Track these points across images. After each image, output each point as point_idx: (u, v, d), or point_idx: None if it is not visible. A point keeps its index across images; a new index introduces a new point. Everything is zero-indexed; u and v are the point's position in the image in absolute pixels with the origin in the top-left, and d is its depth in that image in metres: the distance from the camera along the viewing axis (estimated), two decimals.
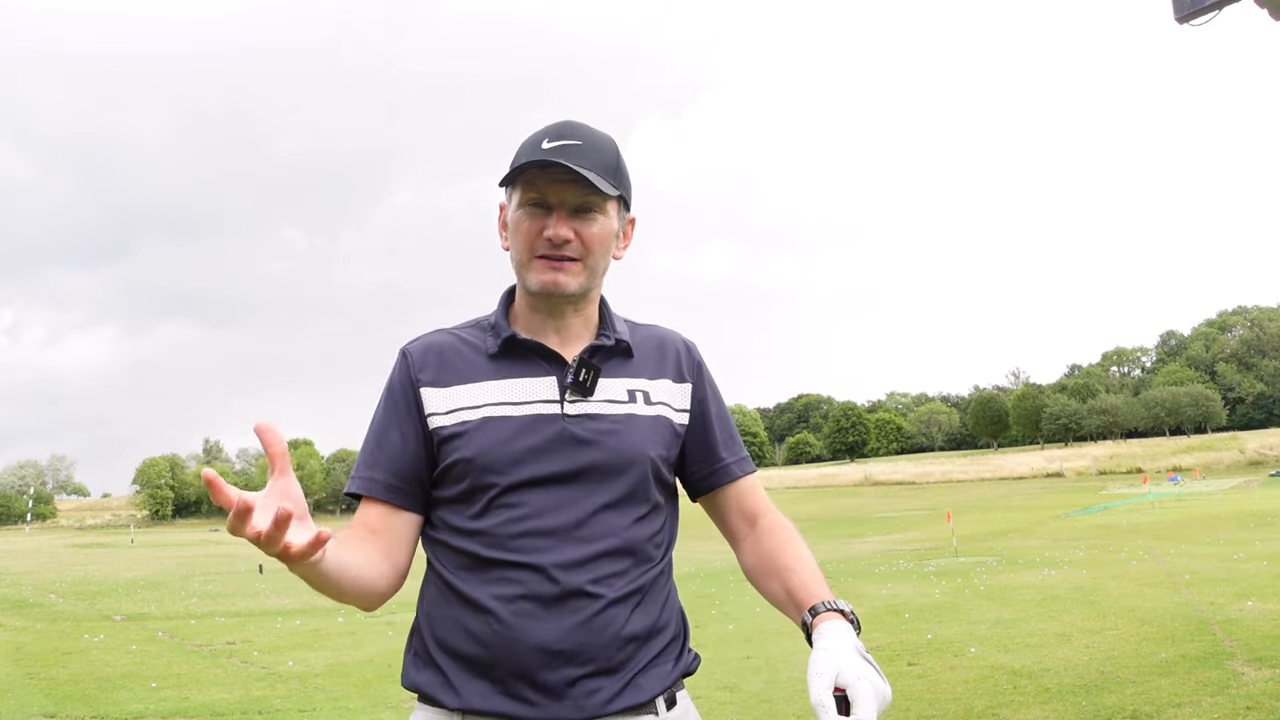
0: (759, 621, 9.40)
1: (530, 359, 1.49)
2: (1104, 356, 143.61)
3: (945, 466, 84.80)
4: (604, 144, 1.47)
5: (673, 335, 1.64)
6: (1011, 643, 7.32)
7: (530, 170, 1.43)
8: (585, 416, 1.46)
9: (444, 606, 1.43)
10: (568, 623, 1.36)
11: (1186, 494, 34.41)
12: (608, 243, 1.49)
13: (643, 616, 1.43)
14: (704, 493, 1.61)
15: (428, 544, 1.51)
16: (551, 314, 1.51)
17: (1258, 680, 5.53)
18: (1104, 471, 67.00)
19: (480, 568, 1.40)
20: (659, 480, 1.51)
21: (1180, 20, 5.25)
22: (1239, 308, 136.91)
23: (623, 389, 1.51)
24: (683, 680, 1.50)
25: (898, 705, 5.60)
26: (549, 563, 1.38)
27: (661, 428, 1.52)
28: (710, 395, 1.62)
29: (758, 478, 1.68)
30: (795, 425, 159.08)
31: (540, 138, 1.45)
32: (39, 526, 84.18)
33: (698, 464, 1.60)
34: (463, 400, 1.46)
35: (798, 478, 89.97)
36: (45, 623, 11.84)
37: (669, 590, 1.52)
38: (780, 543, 1.55)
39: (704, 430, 1.60)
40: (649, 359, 1.57)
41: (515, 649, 1.36)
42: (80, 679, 7.69)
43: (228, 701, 6.67)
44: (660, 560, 1.50)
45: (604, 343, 1.51)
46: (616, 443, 1.45)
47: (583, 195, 1.43)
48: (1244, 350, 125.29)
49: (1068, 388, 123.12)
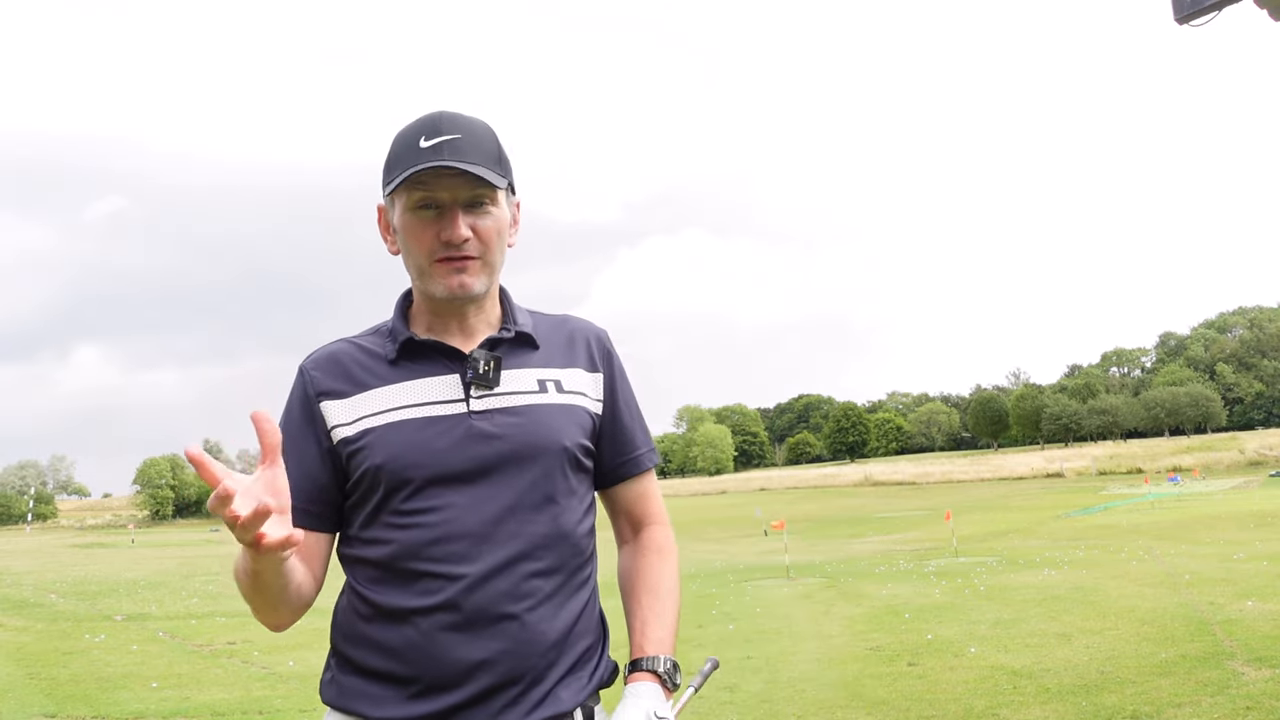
0: (759, 621, 9.41)
1: (431, 358, 1.45)
2: (1104, 357, 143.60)
3: (945, 467, 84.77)
4: (483, 132, 1.43)
5: (584, 324, 1.61)
6: (1011, 643, 7.32)
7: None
8: (493, 411, 1.42)
9: (359, 621, 1.41)
10: (488, 634, 1.34)
11: (1186, 494, 34.39)
12: (504, 233, 1.46)
13: (564, 621, 1.40)
14: (614, 483, 1.59)
15: (343, 559, 1.48)
16: (452, 313, 1.47)
17: (1258, 680, 5.53)
18: (1104, 472, 66.96)
19: (397, 578, 1.37)
20: (577, 469, 1.48)
21: (1180, 20, 5.25)
22: (1239, 308, 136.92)
23: (531, 379, 1.47)
24: (599, 693, 1.47)
25: (898, 705, 5.61)
26: (467, 570, 1.35)
27: (577, 416, 1.48)
28: (621, 384, 1.59)
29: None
30: (795, 425, 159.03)
31: (416, 135, 1.39)
32: (39, 526, 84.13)
33: (610, 454, 1.56)
34: (366, 408, 1.42)
35: (798, 478, 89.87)
36: (46, 623, 11.84)
37: (591, 590, 1.49)
38: (647, 567, 1.55)
39: (617, 420, 1.57)
40: (558, 349, 1.53)
41: (434, 661, 1.33)
42: (81, 679, 7.69)
43: (228, 701, 6.67)
44: (585, 553, 1.47)
45: (504, 335, 1.48)
46: (527, 434, 1.42)
47: (473, 190, 1.39)
48: (1243, 350, 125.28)
49: (1068, 388, 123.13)
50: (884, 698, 5.81)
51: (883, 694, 5.91)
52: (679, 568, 1.59)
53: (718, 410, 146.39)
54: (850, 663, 6.98)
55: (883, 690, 6.02)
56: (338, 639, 1.44)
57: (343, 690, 1.40)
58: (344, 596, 1.47)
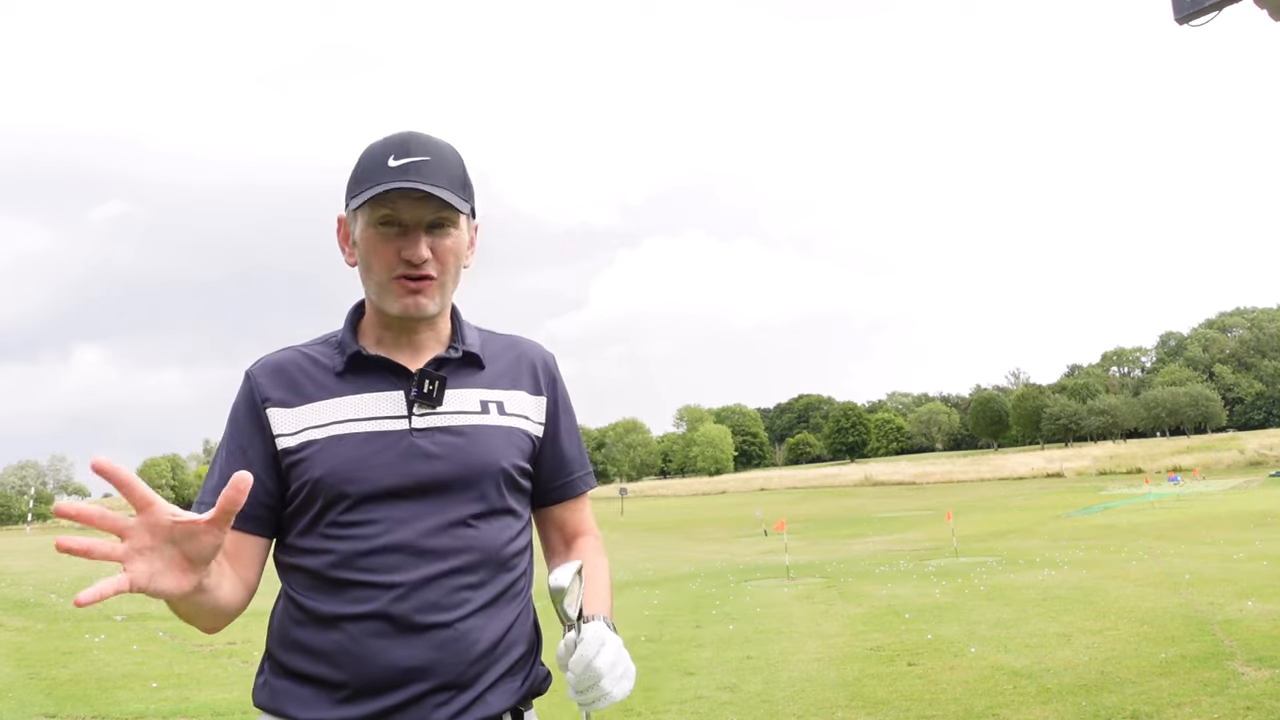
0: (759, 621, 9.40)
1: (379, 374, 1.47)
2: (1104, 357, 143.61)
3: (945, 467, 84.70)
4: (450, 156, 1.46)
5: (531, 346, 1.64)
6: (1011, 643, 7.32)
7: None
8: (434, 430, 1.44)
9: (292, 626, 1.42)
10: (418, 641, 1.36)
11: (1186, 494, 34.35)
12: (461, 256, 1.49)
13: (495, 630, 1.43)
14: (549, 504, 1.61)
15: (280, 566, 1.49)
16: (403, 330, 1.49)
17: (1258, 680, 5.53)
18: (1104, 472, 66.88)
19: (331, 587, 1.39)
20: (514, 489, 1.50)
21: (1180, 21, 5.25)
22: (1238, 308, 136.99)
23: (475, 399, 1.50)
24: (531, 700, 1.50)
25: (898, 705, 5.61)
26: (400, 580, 1.37)
27: (516, 438, 1.51)
28: (563, 409, 1.62)
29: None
30: (795, 425, 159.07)
31: (385, 154, 1.42)
32: (40, 527, 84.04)
33: (548, 476, 1.60)
34: (309, 420, 1.44)
35: (798, 478, 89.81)
36: (46, 623, 11.83)
37: (524, 602, 1.51)
38: (580, 551, 1.61)
39: (557, 444, 1.60)
40: (504, 370, 1.56)
41: (365, 667, 1.35)
42: (81, 679, 7.69)
43: (228, 701, 6.67)
44: (517, 570, 1.50)
45: (450, 355, 1.50)
46: (465, 455, 1.44)
47: (436, 212, 1.42)
48: (1243, 351, 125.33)
49: (1067, 388, 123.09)
50: (884, 698, 5.81)
51: (883, 694, 5.91)
52: (608, 566, 1.63)
53: (718, 410, 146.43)
54: (850, 663, 6.98)
55: (883, 690, 6.02)
56: (272, 643, 1.46)
57: (274, 693, 1.42)
58: (279, 602, 1.48)
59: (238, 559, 1.42)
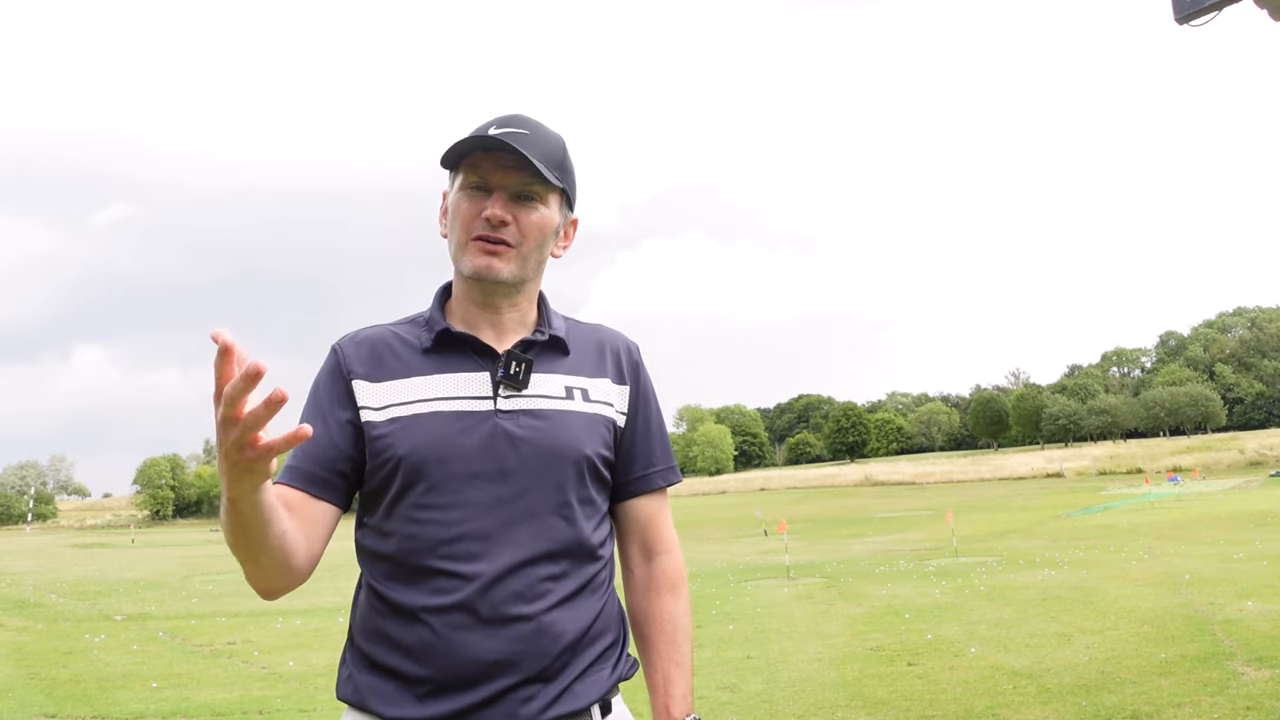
0: (759, 621, 9.40)
1: (464, 353, 1.45)
2: (1104, 357, 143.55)
3: (945, 467, 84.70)
4: (551, 138, 1.47)
5: (615, 335, 1.62)
6: (1011, 643, 7.32)
7: (474, 154, 1.42)
8: (519, 412, 1.42)
9: (375, 617, 1.40)
10: (503, 634, 1.34)
11: (1186, 494, 34.36)
12: (545, 233, 1.47)
13: (580, 622, 1.40)
14: (626, 497, 1.57)
15: (359, 552, 1.47)
16: (486, 306, 1.48)
17: (1258, 680, 5.53)
18: (1104, 472, 66.89)
19: (411, 575, 1.37)
20: (596, 478, 1.48)
21: (1180, 21, 5.25)
22: (1238, 308, 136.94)
23: (559, 385, 1.47)
24: (618, 686, 1.47)
25: (898, 705, 5.61)
26: (482, 570, 1.35)
27: (600, 426, 1.49)
28: (645, 399, 1.59)
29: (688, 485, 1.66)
30: (795, 425, 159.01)
31: (488, 124, 1.44)
32: (39, 527, 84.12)
33: (626, 467, 1.56)
34: (395, 396, 1.42)
35: (798, 478, 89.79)
36: (46, 623, 11.83)
37: (608, 592, 1.49)
38: (662, 611, 1.54)
39: (638, 434, 1.57)
40: (588, 357, 1.54)
41: (449, 661, 1.33)
42: (81, 679, 7.69)
43: (228, 701, 6.67)
44: (600, 560, 1.47)
45: (538, 338, 1.49)
46: (550, 439, 1.42)
47: (525, 182, 1.42)
48: (1243, 351, 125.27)
49: (1067, 388, 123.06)
50: (884, 698, 5.81)
51: (883, 694, 5.91)
52: (689, 598, 1.59)
53: (718, 410, 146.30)
54: (850, 663, 6.98)
55: (883, 690, 6.02)
56: (356, 634, 1.44)
57: (358, 688, 1.39)
58: (360, 592, 1.47)
59: (305, 521, 1.37)
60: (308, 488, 1.40)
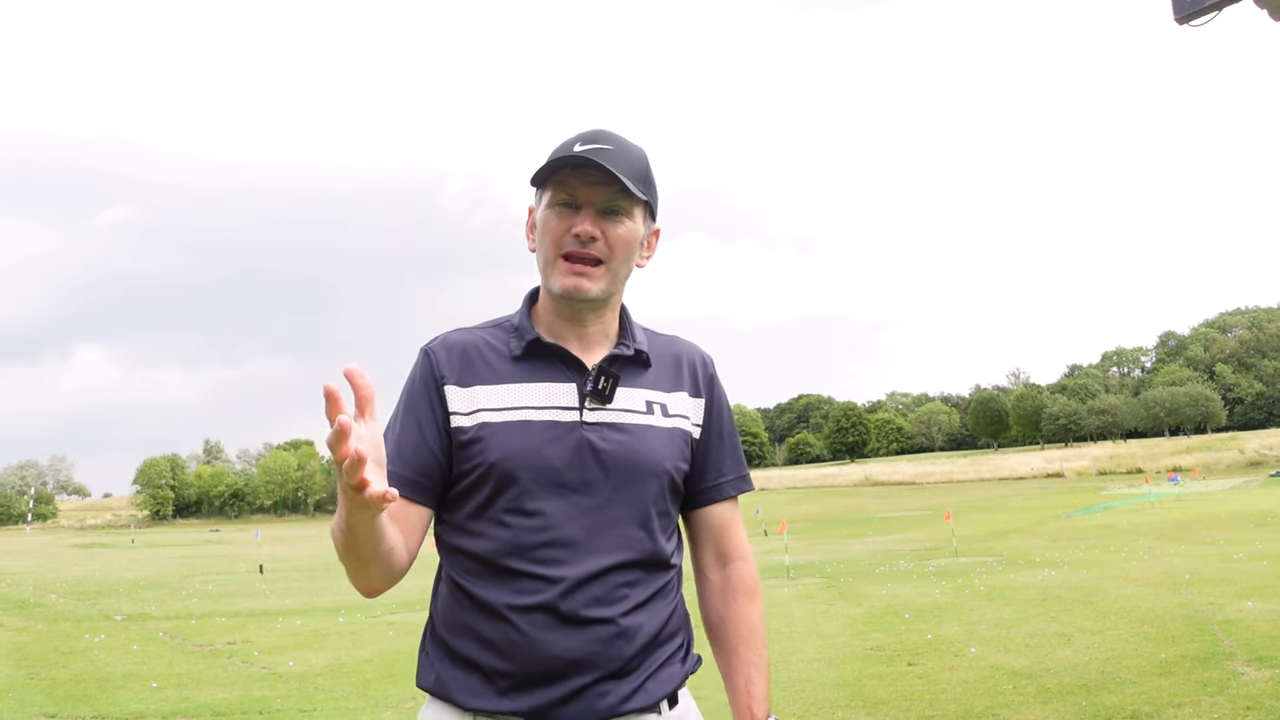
0: None
1: (552, 363, 1.50)
2: (1104, 357, 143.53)
3: (945, 467, 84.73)
4: (635, 152, 1.51)
5: (690, 348, 1.66)
6: (1012, 643, 7.32)
7: (562, 171, 1.45)
8: (604, 425, 1.48)
9: (458, 611, 1.45)
10: (583, 634, 1.40)
11: (1186, 494, 34.37)
12: (632, 247, 1.51)
13: (654, 625, 1.48)
14: (698, 506, 1.63)
15: (442, 546, 1.52)
16: (573, 319, 1.52)
17: (1258, 680, 5.53)
18: (1104, 472, 66.91)
19: (497, 575, 1.42)
20: (674, 491, 1.54)
21: (1180, 21, 5.25)
22: (1239, 308, 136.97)
23: (641, 399, 1.53)
24: (685, 680, 1.55)
25: (898, 705, 5.61)
26: (566, 574, 1.41)
27: (678, 440, 1.54)
28: (719, 411, 1.64)
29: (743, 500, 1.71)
30: (795, 425, 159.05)
31: (573, 141, 1.49)
32: (39, 527, 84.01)
33: (701, 477, 1.61)
34: (484, 401, 1.47)
35: (798, 478, 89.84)
36: (46, 623, 11.83)
37: (678, 597, 1.57)
38: (740, 615, 1.62)
39: (712, 446, 1.62)
40: (666, 371, 1.59)
41: (530, 658, 1.39)
42: (81, 679, 7.69)
43: (228, 701, 6.67)
44: (673, 568, 1.55)
45: (623, 352, 1.53)
46: (632, 453, 1.48)
47: (611, 197, 1.46)
48: (1243, 350, 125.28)
49: (1067, 388, 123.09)
50: (884, 698, 5.81)
51: (883, 694, 5.91)
52: (763, 603, 1.69)
53: None
54: (850, 663, 6.98)
55: (883, 690, 6.02)
56: (439, 625, 1.49)
57: (440, 679, 1.45)
58: (443, 585, 1.51)
59: (404, 524, 1.44)
60: (405, 492, 1.44)
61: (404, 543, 1.42)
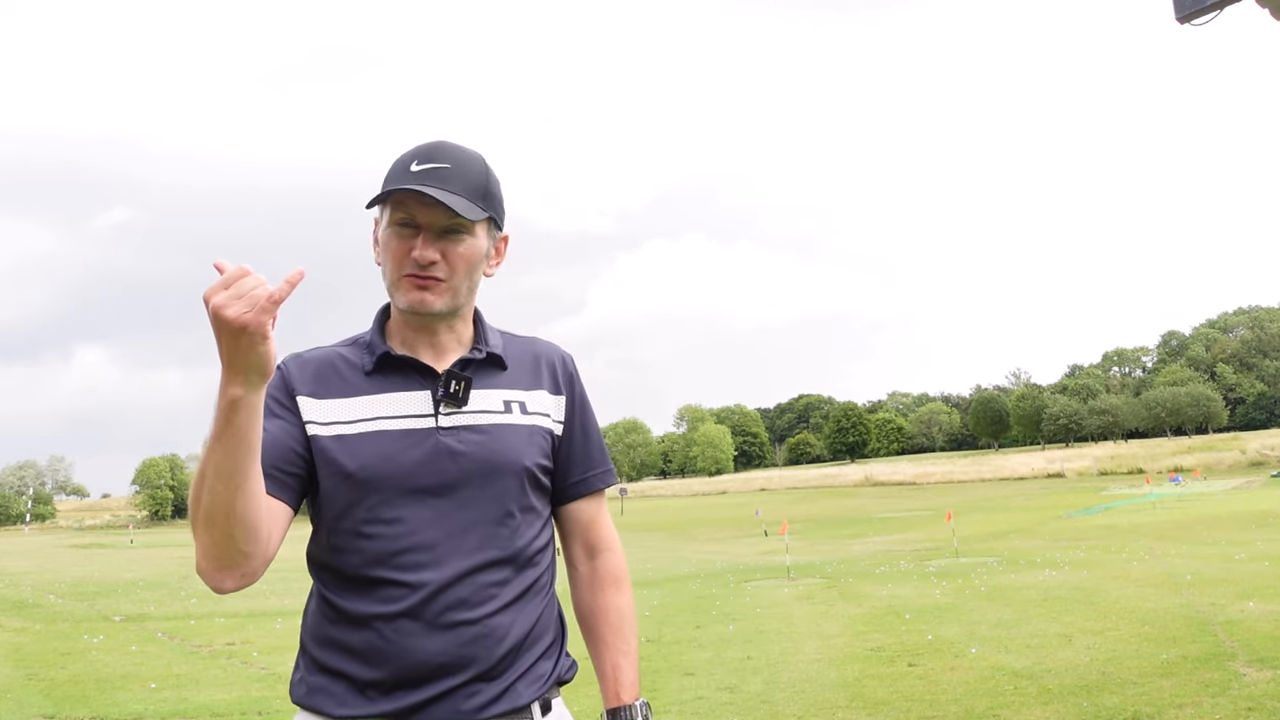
0: (759, 622, 9.40)
1: (406, 373, 1.52)
2: (1104, 357, 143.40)
3: (946, 467, 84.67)
4: (473, 166, 1.51)
5: (549, 347, 1.70)
6: (1012, 643, 7.31)
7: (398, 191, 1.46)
8: (460, 428, 1.49)
9: (326, 625, 1.46)
10: (448, 637, 1.41)
11: (1187, 494, 34.34)
12: (475, 262, 1.52)
13: (522, 625, 1.48)
14: (567, 501, 1.65)
15: (312, 564, 1.53)
16: (424, 330, 1.54)
17: (1259, 681, 5.52)
18: (1105, 472, 66.85)
19: (361, 586, 1.43)
20: (536, 487, 1.55)
21: (1181, 20, 5.24)
22: (1240, 308, 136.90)
23: (498, 399, 1.55)
24: (558, 688, 1.55)
25: (898, 706, 5.60)
26: (429, 579, 1.41)
27: (538, 437, 1.56)
28: (581, 407, 1.67)
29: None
30: (795, 425, 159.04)
31: (410, 159, 1.49)
32: (38, 527, 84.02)
33: (565, 473, 1.63)
34: (339, 414, 1.48)
35: (798, 478, 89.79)
36: (44, 623, 11.83)
37: (548, 597, 1.57)
38: (607, 603, 1.64)
39: (576, 441, 1.64)
40: (525, 371, 1.61)
41: (399, 664, 1.39)
42: (80, 679, 7.68)
43: (227, 702, 6.66)
44: (541, 565, 1.55)
45: (475, 355, 1.55)
46: (490, 453, 1.49)
47: (449, 218, 1.46)
48: (1245, 351, 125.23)
49: (1068, 388, 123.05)
50: (884, 698, 5.80)
51: (883, 694, 5.90)
52: (632, 592, 1.69)
53: (718, 410, 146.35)
54: (851, 663, 6.97)
55: (883, 691, 6.01)
56: (307, 640, 1.50)
57: (310, 689, 1.45)
58: (312, 600, 1.52)
59: (265, 513, 1.40)
60: (269, 489, 1.41)
61: (268, 525, 1.34)
